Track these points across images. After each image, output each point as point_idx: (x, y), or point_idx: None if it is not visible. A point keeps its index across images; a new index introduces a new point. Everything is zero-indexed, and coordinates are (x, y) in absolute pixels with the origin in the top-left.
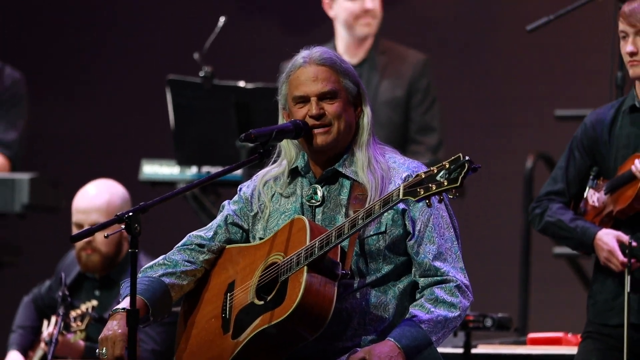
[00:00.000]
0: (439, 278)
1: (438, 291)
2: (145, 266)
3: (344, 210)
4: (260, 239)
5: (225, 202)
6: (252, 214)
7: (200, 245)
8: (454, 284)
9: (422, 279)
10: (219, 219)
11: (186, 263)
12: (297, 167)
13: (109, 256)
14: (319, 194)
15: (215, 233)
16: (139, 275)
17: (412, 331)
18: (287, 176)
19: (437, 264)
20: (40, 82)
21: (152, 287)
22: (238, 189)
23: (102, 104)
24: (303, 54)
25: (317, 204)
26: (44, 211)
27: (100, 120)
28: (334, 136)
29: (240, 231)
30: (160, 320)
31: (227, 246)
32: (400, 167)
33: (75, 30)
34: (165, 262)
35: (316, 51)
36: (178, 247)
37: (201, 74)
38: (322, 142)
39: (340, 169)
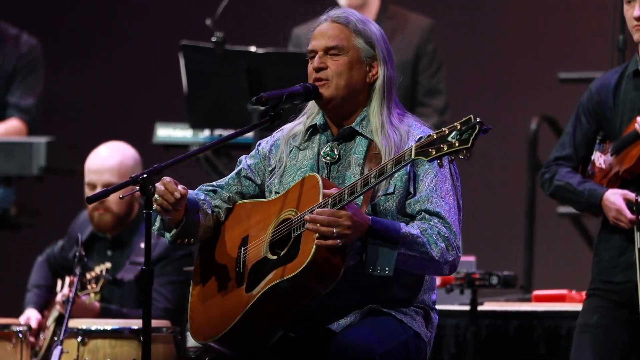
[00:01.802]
0: (432, 222)
1: (429, 228)
2: None
3: (359, 168)
4: (276, 193)
5: (243, 157)
6: (270, 168)
7: (213, 191)
8: (443, 233)
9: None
10: (234, 172)
11: (203, 200)
12: (315, 124)
13: (121, 216)
14: (335, 151)
15: (227, 183)
16: None
17: (390, 228)
18: (305, 132)
19: (434, 220)
20: (56, 49)
21: (193, 201)
22: (257, 144)
23: (117, 70)
24: (328, 12)
25: (333, 161)
26: (60, 174)
27: (115, 85)
28: (331, 91)
29: (253, 185)
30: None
31: (241, 201)
32: (416, 131)
33: None
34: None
35: (338, 10)
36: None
37: (213, 39)
38: (323, 96)
39: (357, 128)
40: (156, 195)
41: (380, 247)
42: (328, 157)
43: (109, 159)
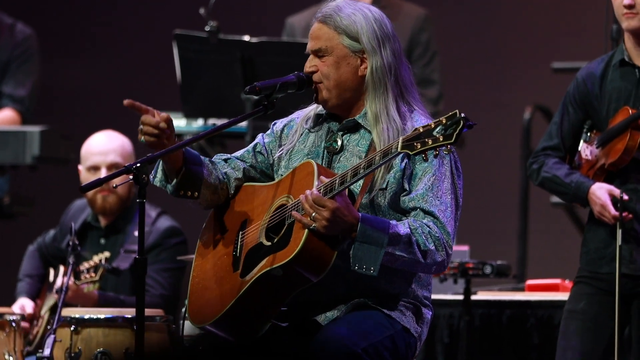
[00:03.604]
0: (424, 222)
1: (419, 227)
2: None
3: (360, 160)
4: (281, 175)
5: (261, 134)
6: (279, 149)
7: (225, 160)
8: (434, 233)
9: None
10: (250, 145)
11: (211, 162)
12: (321, 113)
13: (124, 198)
14: (339, 142)
15: (242, 155)
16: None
17: (380, 226)
18: (314, 119)
19: (427, 219)
20: (50, 38)
21: (194, 154)
22: (272, 123)
23: (111, 59)
24: (322, 7)
25: (335, 151)
26: (54, 163)
27: (108, 74)
28: (325, 93)
29: (266, 162)
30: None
31: (244, 184)
32: (416, 124)
33: None
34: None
35: (329, 7)
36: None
37: (207, 28)
38: (318, 99)
39: (360, 121)
40: (140, 127)
41: (367, 246)
42: (331, 147)
43: (110, 141)
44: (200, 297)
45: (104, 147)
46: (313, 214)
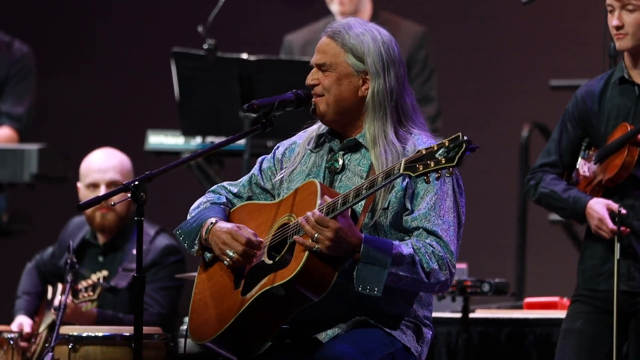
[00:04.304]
0: (427, 242)
1: (422, 247)
2: (193, 206)
3: (361, 180)
4: (282, 196)
5: (260, 158)
6: (281, 171)
7: (231, 202)
8: (437, 252)
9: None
10: (246, 177)
11: (223, 198)
12: (323, 133)
13: (123, 216)
14: (340, 161)
15: (239, 192)
16: (192, 212)
17: (383, 247)
18: (315, 139)
19: (430, 239)
20: (48, 56)
21: (219, 209)
22: (275, 146)
23: (109, 77)
24: (333, 22)
25: (337, 171)
26: (52, 181)
27: (106, 92)
28: (323, 107)
29: (263, 193)
30: None
31: (246, 202)
32: (420, 146)
33: (82, 3)
34: (209, 198)
35: (339, 23)
36: (211, 190)
37: (205, 46)
38: (316, 112)
39: (361, 140)
40: (233, 254)
41: (370, 266)
42: (332, 167)
43: (109, 158)
44: (201, 315)
45: (103, 164)
46: (316, 235)
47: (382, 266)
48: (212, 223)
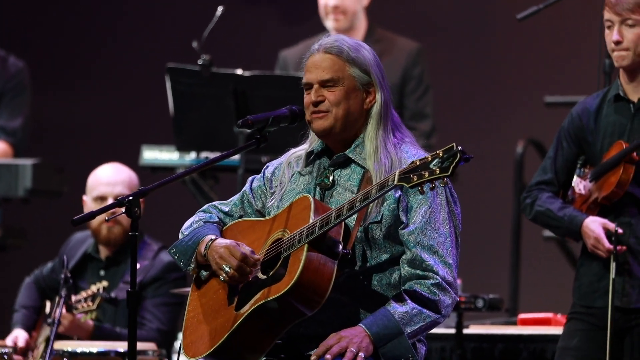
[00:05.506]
0: (420, 272)
1: (416, 287)
2: (185, 225)
3: (352, 195)
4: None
5: (250, 178)
6: (271, 191)
7: (223, 221)
8: (433, 282)
9: (407, 267)
10: (237, 196)
11: (215, 217)
12: (313, 150)
13: (128, 230)
14: (330, 177)
15: (231, 210)
16: (185, 232)
17: (384, 320)
18: (305, 157)
19: (425, 255)
20: (42, 71)
21: (214, 227)
22: (265, 166)
23: (104, 92)
24: (320, 41)
25: (327, 187)
26: (47, 196)
27: (101, 107)
28: (330, 122)
29: (255, 211)
30: None
31: (239, 220)
32: (410, 158)
33: (76, 19)
34: (201, 217)
35: (330, 39)
36: (201, 210)
37: (200, 61)
38: (317, 127)
39: (351, 155)
40: (229, 269)
41: (390, 344)
42: (322, 183)
43: (118, 173)
44: (195, 330)
45: (112, 178)
46: (352, 349)
47: (398, 334)
48: (211, 239)
